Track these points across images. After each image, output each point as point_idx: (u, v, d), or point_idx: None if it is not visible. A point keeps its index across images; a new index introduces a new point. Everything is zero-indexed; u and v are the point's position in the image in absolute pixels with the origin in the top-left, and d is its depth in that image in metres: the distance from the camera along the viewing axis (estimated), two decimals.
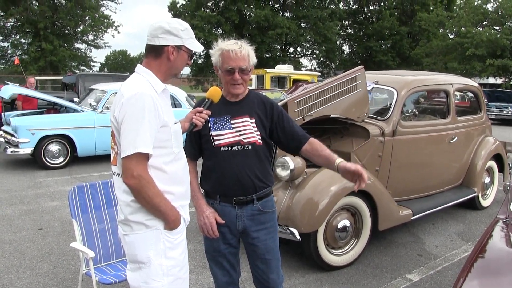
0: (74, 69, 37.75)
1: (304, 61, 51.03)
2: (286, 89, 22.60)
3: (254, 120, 2.62)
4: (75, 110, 9.73)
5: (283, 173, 4.38)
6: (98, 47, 40.32)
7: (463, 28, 32.30)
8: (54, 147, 9.12)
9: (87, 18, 36.59)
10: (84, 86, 13.48)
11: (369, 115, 5.05)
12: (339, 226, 4.40)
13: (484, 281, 2.36)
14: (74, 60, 38.52)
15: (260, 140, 2.61)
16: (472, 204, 6.41)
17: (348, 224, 4.46)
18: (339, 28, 48.90)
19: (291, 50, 48.21)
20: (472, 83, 6.73)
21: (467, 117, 6.26)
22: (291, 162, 4.24)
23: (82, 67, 40.11)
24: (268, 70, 25.79)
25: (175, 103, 9.96)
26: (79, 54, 39.41)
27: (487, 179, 6.60)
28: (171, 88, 9.23)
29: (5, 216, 6.04)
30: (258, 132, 2.61)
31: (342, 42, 51.90)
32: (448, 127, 5.71)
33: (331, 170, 4.52)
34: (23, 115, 9.78)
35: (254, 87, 23.97)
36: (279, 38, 41.95)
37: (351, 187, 4.33)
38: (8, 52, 36.84)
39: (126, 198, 2.16)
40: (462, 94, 8.66)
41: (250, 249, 2.74)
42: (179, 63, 2.28)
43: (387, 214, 4.71)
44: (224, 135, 2.59)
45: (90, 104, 9.59)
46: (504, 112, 21.07)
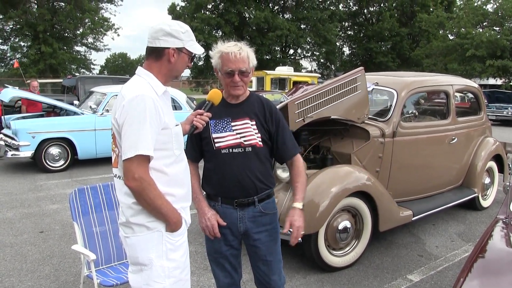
0: (74, 71, 37.72)
1: (304, 62, 51.10)
2: (286, 90, 22.59)
3: (254, 122, 2.63)
4: (75, 113, 9.74)
5: (283, 174, 4.38)
6: (98, 49, 40.28)
7: (463, 29, 32.29)
8: (54, 150, 9.12)
9: (86, 20, 36.53)
10: (84, 89, 13.48)
11: (369, 116, 5.06)
12: (340, 227, 4.41)
13: (484, 281, 2.36)
14: (73, 63, 38.47)
15: (260, 142, 2.62)
16: (473, 205, 6.42)
17: (348, 225, 4.47)
18: (339, 29, 48.90)
19: (291, 51, 48.21)
20: (472, 84, 6.74)
21: (467, 118, 6.27)
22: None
23: (82, 70, 40.08)
24: (268, 72, 25.79)
25: (175, 105, 9.96)
26: (79, 57, 39.39)
27: (487, 180, 6.61)
28: (171, 90, 9.23)
29: (6, 219, 6.05)
30: (259, 134, 2.62)
31: (342, 43, 51.91)
32: (448, 128, 5.71)
33: (332, 172, 4.55)
34: (23, 118, 9.78)
35: (254, 88, 23.97)
36: (279, 40, 41.92)
37: (352, 188, 4.36)
38: (8, 55, 36.80)
39: (127, 200, 2.17)
40: (462, 95, 8.66)
41: (252, 250, 2.74)
42: (180, 65, 2.28)
43: (387, 215, 4.71)
44: (225, 137, 2.60)
45: (90, 107, 9.60)
46: (504, 113, 21.07)
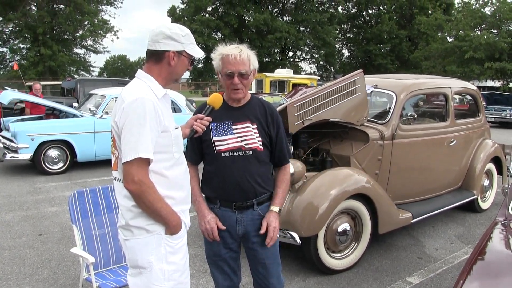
0: (73, 74, 37.77)
1: (304, 65, 51.17)
2: (286, 93, 22.63)
3: (255, 125, 2.63)
4: (74, 115, 9.72)
5: None
6: (97, 52, 40.35)
7: (461, 31, 32.38)
8: (53, 153, 9.10)
9: (86, 23, 36.60)
10: (84, 91, 13.49)
11: (368, 118, 5.06)
12: (339, 229, 4.41)
13: (484, 283, 2.37)
14: (73, 65, 38.52)
15: (261, 146, 2.62)
16: (472, 207, 6.42)
17: (348, 228, 4.46)
18: (338, 32, 49.04)
19: (291, 54, 48.31)
20: (471, 86, 6.75)
21: (466, 120, 6.28)
22: (291, 166, 4.24)
23: (81, 72, 40.13)
24: (268, 74, 25.82)
25: (174, 108, 9.95)
26: (78, 59, 39.43)
27: (486, 182, 6.62)
28: (170, 93, 9.21)
29: (4, 222, 6.03)
30: (260, 138, 2.62)
31: (341, 46, 52.06)
32: (447, 130, 5.72)
33: (331, 174, 4.56)
34: (22, 120, 9.77)
35: (253, 91, 23.99)
36: (279, 42, 42.00)
37: (351, 190, 4.36)
38: (7, 57, 36.87)
39: (127, 203, 2.17)
40: (461, 97, 8.68)
41: (251, 253, 2.74)
42: (180, 69, 2.29)
43: (387, 217, 4.71)
44: (226, 141, 2.60)
45: (90, 109, 9.59)
46: (503, 115, 21.09)
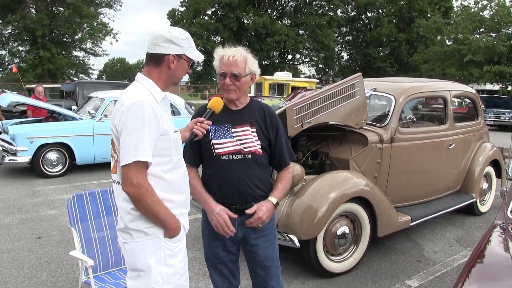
0: (72, 76, 37.79)
1: (303, 68, 51.28)
2: (285, 96, 22.66)
3: (254, 129, 2.63)
4: (73, 118, 9.72)
5: None
6: (96, 55, 40.41)
7: (460, 35, 32.43)
8: (52, 155, 9.09)
9: (85, 25, 36.65)
10: (83, 94, 13.49)
11: (367, 122, 5.07)
12: (338, 232, 4.41)
13: (482, 286, 2.37)
14: (72, 68, 38.57)
15: (260, 150, 2.62)
16: (471, 210, 6.43)
17: (347, 231, 4.46)
18: (337, 35, 49.13)
19: (290, 57, 48.41)
20: (470, 89, 6.76)
21: (465, 123, 6.28)
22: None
23: (80, 75, 40.16)
24: (267, 77, 25.86)
25: (173, 111, 9.95)
26: (77, 62, 39.46)
27: (485, 185, 6.63)
28: (169, 95, 9.25)
29: (3, 225, 6.03)
30: (259, 142, 2.62)
31: (340, 49, 52.14)
32: (446, 133, 5.73)
33: (330, 177, 4.56)
34: (21, 123, 9.77)
35: (252, 94, 24.02)
36: (278, 45, 42.08)
37: (350, 194, 4.36)
38: (6, 60, 36.90)
39: (126, 206, 2.17)
40: (460, 100, 8.69)
41: (250, 256, 2.74)
42: (180, 72, 2.30)
43: (386, 220, 4.72)
44: (225, 144, 2.60)
45: (89, 112, 9.58)
46: (502, 118, 21.14)
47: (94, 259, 3.25)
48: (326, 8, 46.31)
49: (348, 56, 52.76)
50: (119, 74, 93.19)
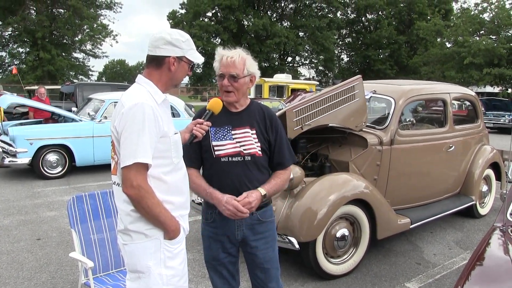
0: (72, 78, 37.80)
1: (303, 70, 51.23)
2: (285, 98, 22.66)
3: (254, 131, 2.63)
4: (73, 120, 9.73)
5: None
6: (96, 56, 40.42)
7: (460, 37, 32.45)
8: (52, 157, 9.09)
9: (85, 27, 36.67)
10: (83, 95, 13.50)
11: (367, 124, 5.08)
12: (338, 235, 4.41)
13: None
14: (72, 70, 38.59)
15: (260, 152, 2.62)
16: (470, 213, 6.42)
17: (346, 233, 4.46)
18: (337, 37, 49.15)
19: (290, 59, 48.40)
20: (469, 92, 6.77)
21: (465, 126, 6.29)
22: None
23: (80, 77, 40.18)
24: (267, 79, 25.85)
25: (173, 113, 9.95)
26: (77, 63, 39.48)
27: (484, 188, 6.62)
28: (169, 97, 9.23)
29: (2, 227, 6.02)
30: (259, 144, 2.62)
31: (340, 51, 52.12)
32: (445, 136, 5.73)
33: (330, 180, 4.56)
34: (21, 124, 9.77)
35: (252, 96, 24.02)
36: (277, 47, 42.08)
37: (350, 196, 4.37)
38: (6, 61, 36.92)
39: (126, 207, 2.17)
40: (460, 103, 8.71)
41: (250, 258, 2.74)
42: (180, 74, 2.30)
43: (385, 223, 4.72)
44: (225, 146, 2.60)
45: (89, 113, 9.59)
46: (501, 120, 21.16)
47: (93, 261, 3.25)
48: (326, 10, 46.34)
49: (348, 58, 52.78)
50: (119, 75, 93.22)
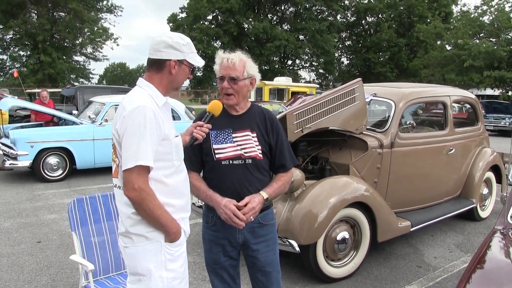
0: (72, 81, 37.82)
1: (303, 73, 51.26)
2: (285, 101, 22.66)
3: (255, 134, 2.64)
4: (74, 123, 9.74)
5: None
6: (96, 59, 40.48)
7: (460, 40, 32.47)
8: (53, 160, 9.11)
9: (86, 30, 36.72)
10: (83, 98, 13.52)
11: (367, 127, 5.08)
12: (338, 238, 4.41)
13: None
14: (72, 73, 38.62)
15: (260, 155, 2.62)
16: (471, 215, 6.42)
17: (347, 236, 4.46)
18: (337, 40, 49.19)
19: (290, 62, 48.46)
20: (470, 94, 6.77)
21: (465, 128, 6.29)
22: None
23: (81, 80, 40.20)
24: (267, 82, 25.85)
25: (174, 116, 9.94)
26: (78, 66, 39.52)
27: (485, 190, 6.62)
28: (170, 100, 9.23)
29: (3, 229, 6.03)
30: (259, 147, 2.62)
31: (340, 54, 52.19)
32: (446, 138, 5.74)
33: (330, 182, 4.56)
34: (22, 127, 9.78)
35: (252, 99, 24.02)
36: (278, 50, 42.15)
37: (350, 199, 4.37)
38: (7, 64, 36.95)
39: (127, 210, 2.17)
40: (460, 105, 8.71)
41: (250, 261, 2.74)
42: (181, 77, 2.31)
43: (386, 225, 4.72)
44: (225, 149, 2.61)
45: (89, 116, 9.60)
46: (502, 123, 21.16)
47: (94, 264, 3.24)
48: (326, 13, 46.41)
49: (348, 61, 52.87)
50: (119, 78, 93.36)
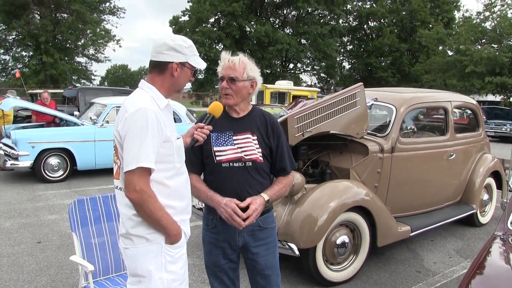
0: (74, 82, 37.83)
1: (304, 77, 51.27)
2: (286, 105, 22.66)
3: (256, 137, 2.65)
4: (75, 124, 9.76)
5: None
6: (98, 61, 40.49)
7: (462, 45, 32.49)
8: (53, 161, 9.13)
9: (88, 32, 36.76)
10: (85, 99, 13.55)
11: (368, 131, 5.09)
12: (338, 242, 4.41)
13: None
14: (74, 74, 38.62)
15: (261, 157, 2.63)
16: (471, 221, 6.42)
17: (347, 240, 4.46)
18: (339, 44, 49.18)
19: (291, 66, 48.45)
20: (471, 100, 6.78)
21: (466, 134, 6.30)
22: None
23: (83, 81, 40.22)
24: (268, 86, 25.85)
25: (175, 118, 9.96)
26: (80, 67, 39.54)
27: (485, 196, 6.62)
28: (171, 103, 9.25)
29: (3, 229, 6.03)
30: (260, 149, 2.63)
31: (342, 58, 52.18)
32: (446, 144, 5.74)
33: (330, 186, 4.55)
34: (23, 128, 9.80)
35: (254, 102, 24.03)
36: (279, 54, 42.14)
37: (350, 203, 4.37)
38: (9, 65, 36.98)
39: (128, 211, 2.18)
40: (461, 111, 8.71)
41: (250, 264, 2.74)
42: (182, 80, 2.32)
43: (385, 230, 4.72)
44: (226, 151, 2.61)
45: (91, 118, 9.63)
46: (503, 129, 21.15)
47: (94, 265, 3.25)
48: (328, 17, 46.42)
49: (350, 66, 52.85)
50: (121, 80, 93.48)
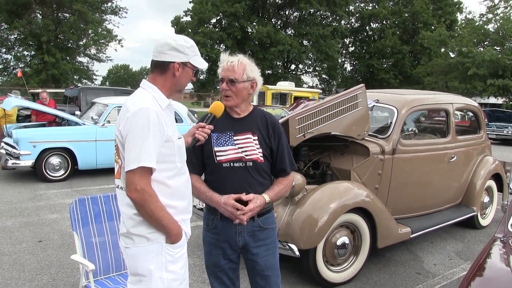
0: (76, 82, 37.85)
1: (306, 78, 51.25)
2: (287, 106, 22.68)
3: (256, 137, 2.65)
4: (76, 123, 9.78)
5: None
6: (100, 60, 40.51)
7: (464, 48, 32.44)
8: (55, 160, 9.15)
9: (90, 32, 36.79)
10: (86, 99, 13.57)
11: (369, 133, 5.09)
12: (338, 243, 4.41)
13: None
14: (76, 74, 38.65)
15: (261, 158, 2.64)
16: (471, 223, 6.42)
17: (347, 241, 4.47)
18: (341, 46, 49.17)
19: (293, 67, 48.41)
20: (472, 102, 6.78)
21: (467, 136, 6.30)
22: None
23: (84, 81, 40.24)
24: (270, 87, 25.88)
25: (176, 118, 9.97)
26: (81, 67, 39.57)
27: (486, 199, 6.62)
28: (172, 103, 9.27)
29: (5, 228, 6.05)
30: (260, 150, 2.64)
31: (344, 59, 52.17)
32: (447, 146, 5.74)
33: (331, 188, 4.56)
34: (25, 127, 9.82)
35: (255, 103, 24.02)
36: (281, 55, 42.13)
37: (351, 204, 4.37)
38: (11, 64, 37.03)
39: (129, 211, 2.18)
40: (462, 113, 8.70)
41: (250, 265, 2.75)
42: (184, 80, 2.32)
43: (386, 232, 4.72)
44: (226, 151, 2.62)
45: (92, 117, 9.63)
46: (504, 132, 21.14)
47: (94, 264, 3.25)
48: (330, 19, 46.40)
49: (352, 67, 52.84)
50: (123, 80, 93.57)
